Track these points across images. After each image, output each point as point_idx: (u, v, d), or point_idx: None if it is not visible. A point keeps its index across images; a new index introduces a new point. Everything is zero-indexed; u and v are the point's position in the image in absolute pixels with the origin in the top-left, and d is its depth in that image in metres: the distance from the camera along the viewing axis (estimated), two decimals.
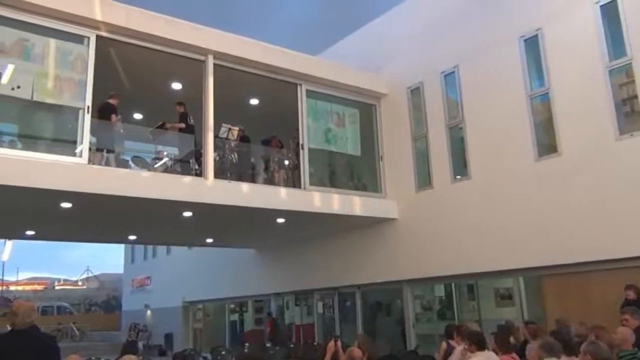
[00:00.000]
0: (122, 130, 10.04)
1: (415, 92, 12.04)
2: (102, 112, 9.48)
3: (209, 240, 15.63)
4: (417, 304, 12.26)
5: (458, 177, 10.95)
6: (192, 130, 10.56)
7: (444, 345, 7.69)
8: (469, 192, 10.60)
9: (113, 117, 9.65)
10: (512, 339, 7.33)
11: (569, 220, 8.94)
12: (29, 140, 8.72)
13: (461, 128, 10.97)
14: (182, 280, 21.71)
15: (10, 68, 8.12)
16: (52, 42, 8.55)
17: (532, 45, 9.86)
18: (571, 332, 7.19)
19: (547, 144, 9.52)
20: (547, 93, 9.52)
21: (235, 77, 10.63)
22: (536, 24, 9.76)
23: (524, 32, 9.95)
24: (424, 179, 11.62)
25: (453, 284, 11.82)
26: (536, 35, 9.76)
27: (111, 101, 9.78)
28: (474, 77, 10.80)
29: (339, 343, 6.41)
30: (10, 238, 23.77)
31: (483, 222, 10.22)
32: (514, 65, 10.02)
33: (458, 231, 10.64)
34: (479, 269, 10.30)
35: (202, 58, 10.09)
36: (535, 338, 6.92)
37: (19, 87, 8.12)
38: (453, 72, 11.21)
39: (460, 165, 10.95)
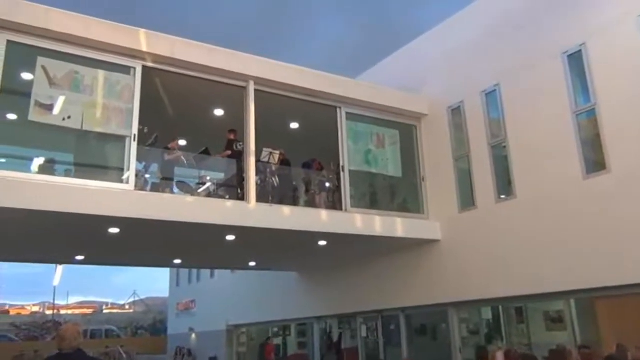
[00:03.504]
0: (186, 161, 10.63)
1: (456, 112, 11.94)
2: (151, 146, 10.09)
3: (252, 264, 15.73)
4: (464, 327, 11.96)
5: (502, 196, 10.72)
6: (239, 156, 10.71)
7: None
8: (515, 211, 10.35)
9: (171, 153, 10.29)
10: None
11: (621, 239, 8.58)
12: (78, 168, 9.04)
13: (504, 147, 10.77)
14: (225, 303, 21.87)
15: (61, 99, 8.48)
16: (101, 74, 8.90)
17: (575, 60, 9.65)
18: (628, 356, 6.87)
19: (595, 161, 9.23)
20: (594, 109, 9.26)
21: (276, 102, 10.78)
22: (579, 39, 9.56)
23: (567, 47, 9.76)
24: (467, 200, 11.43)
25: (501, 307, 11.49)
26: (580, 51, 9.56)
27: (170, 146, 10.31)
28: (516, 95, 10.63)
29: None
30: (61, 263, 24.56)
31: (530, 243, 9.94)
32: (557, 81, 9.82)
33: (504, 252, 10.38)
34: (526, 291, 9.99)
35: (244, 84, 10.30)
36: None
37: (69, 117, 8.45)
38: (494, 90, 11.07)
39: (504, 185, 10.73)
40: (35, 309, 55.47)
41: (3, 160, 8.27)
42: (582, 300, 9.73)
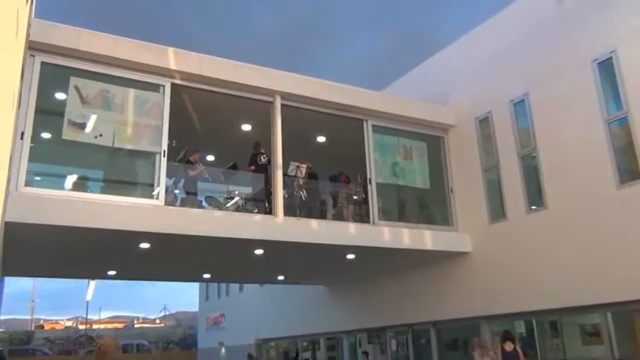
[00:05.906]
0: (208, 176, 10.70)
1: (484, 122, 11.81)
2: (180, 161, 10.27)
3: (280, 278, 15.73)
4: (496, 341, 11.70)
5: (533, 207, 10.53)
6: (262, 169, 10.78)
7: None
8: (546, 222, 10.15)
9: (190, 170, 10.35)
10: None
11: None
12: (109, 184, 9.22)
13: (534, 157, 10.60)
14: (254, 317, 21.90)
15: (93, 118, 8.67)
16: (131, 92, 9.09)
17: (606, 68, 9.48)
18: None
19: (629, 170, 9.01)
20: (626, 116, 9.07)
21: (302, 116, 10.83)
22: (609, 46, 9.40)
23: (597, 55, 9.59)
24: (497, 211, 11.26)
25: (534, 320, 11.23)
26: (610, 58, 9.38)
27: (191, 158, 10.38)
28: (545, 104, 10.47)
29: None
30: (93, 278, 24.97)
31: (563, 254, 9.72)
32: (587, 89, 9.65)
33: (536, 264, 10.17)
34: (560, 304, 9.75)
35: (270, 99, 10.38)
36: None
37: (101, 135, 8.64)
38: (523, 100, 10.93)
39: (534, 195, 10.55)
40: (69, 323, 56.32)
41: (38, 178, 8.46)
42: (619, 313, 9.44)
